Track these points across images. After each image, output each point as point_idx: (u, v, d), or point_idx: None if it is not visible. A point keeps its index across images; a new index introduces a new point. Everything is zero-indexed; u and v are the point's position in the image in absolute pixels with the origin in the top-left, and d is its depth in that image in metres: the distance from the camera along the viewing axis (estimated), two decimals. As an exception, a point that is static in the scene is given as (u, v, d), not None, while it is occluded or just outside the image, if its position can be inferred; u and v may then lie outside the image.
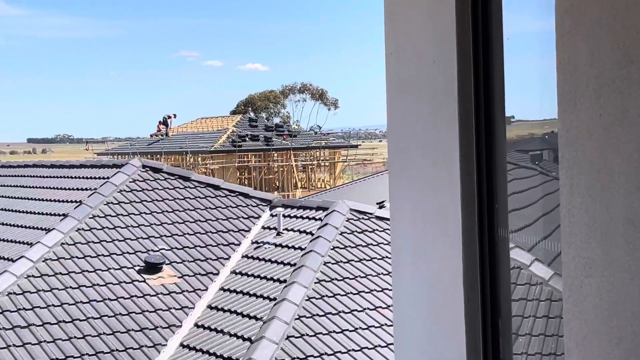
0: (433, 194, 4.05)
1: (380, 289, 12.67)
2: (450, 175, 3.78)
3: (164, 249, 13.70)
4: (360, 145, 64.47)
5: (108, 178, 15.30)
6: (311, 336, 11.45)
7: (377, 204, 23.64)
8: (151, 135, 55.29)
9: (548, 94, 3.17)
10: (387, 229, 14.34)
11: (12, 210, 15.58)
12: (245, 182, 47.88)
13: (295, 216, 14.89)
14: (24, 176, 17.97)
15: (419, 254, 4.31)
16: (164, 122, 53.97)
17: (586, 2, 2.43)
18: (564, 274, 2.66)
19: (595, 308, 2.49)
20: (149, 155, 47.08)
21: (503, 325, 3.60)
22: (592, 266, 2.49)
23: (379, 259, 13.44)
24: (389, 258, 13.75)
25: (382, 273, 13.06)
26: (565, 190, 2.62)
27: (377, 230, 14.26)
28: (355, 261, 13.25)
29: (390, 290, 12.62)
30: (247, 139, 50.07)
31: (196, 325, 12.31)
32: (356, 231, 14.06)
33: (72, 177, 16.43)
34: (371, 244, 13.79)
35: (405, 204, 4.55)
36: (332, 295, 12.33)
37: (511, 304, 3.59)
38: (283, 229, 14.34)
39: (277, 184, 51.36)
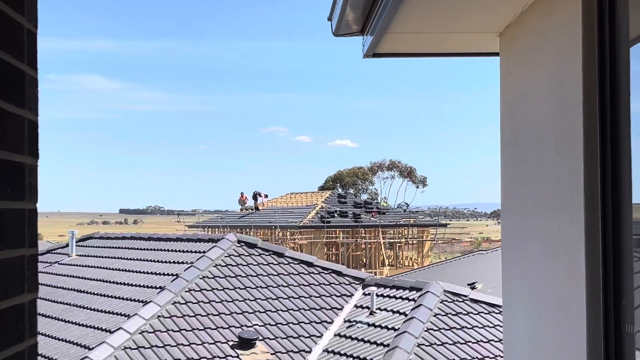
0: (554, 285, 3.99)
1: (475, 374, 12.43)
2: (574, 268, 3.72)
3: (257, 324, 13.74)
4: (448, 224, 63.97)
5: (204, 252, 15.51)
6: (405, 420, 11.26)
7: (469, 284, 23.38)
8: (241, 209, 55.96)
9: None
10: (482, 312, 14.13)
11: (110, 282, 15.88)
12: (333, 258, 47.89)
13: (388, 295, 14.80)
14: (122, 248, 18.35)
15: (536, 346, 4.24)
16: (254, 197, 54.66)
17: None
18: None
19: None
20: (238, 229, 47.60)
21: None
22: None
23: (473, 343, 13.21)
24: (485, 342, 13.56)
25: (476, 357, 12.82)
26: None
27: (472, 313, 14.05)
28: (450, 344, 13.05)
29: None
30: (335, 215, 50.23)
31: (288, 403, 12.25)
32: (450, 313, 13.88)
33: (169, 250, 16.71)
34: (466, 327, 13.58)
35: (521, 294, 4.50)
36: (426, 378, 12.15)
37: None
38: (376, 308, 14.25)
39: (365, 261, 51.19)
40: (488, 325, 13.69)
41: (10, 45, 1.69)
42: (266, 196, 55.49)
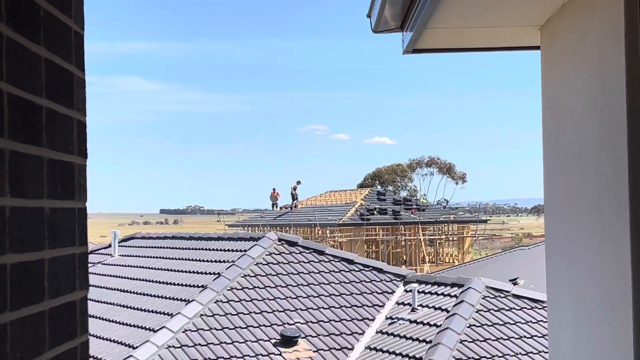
0: (599, 280, 3.95)
1: (519, 370, 12.35)
2: (620, 262, 3.68)
3: (299, 322, 13.78)
4: (489, 220, 63.60)
5: (245, 251, 15.58)
6: (448, 416, 11.23)
7: (510, 280, 23.24)
8: (280, 208, 56.11)
9: None
10: (525, 308, 14.04)
11: (153, 281, 16.01)
12: (373, 256, 47.83)
13: (429, 292, 14.76)
14: (163, 247, 18.49)
15: (581, 343, 4.20)
16: (293, 196, 54.78)
17: None
18: None
19: None
20: (278, 228, 47.73)
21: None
22: None
23: (516, 339, 13.13)
24: (528, 338, 13.47)
25: (520, 353, 12.74)
26: None
27: (515, 308, 13.96)
28: (493, 340, 12.98)
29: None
30: (375, 212, 50.17)
31: (331, 400, 12.26)
32: (493, 309, 13.81)
33: (210, 249, 16.81)
34: (508, 323, 13.50)
35: (566, 289, 4.47)
36: (469, 374, 12.09)
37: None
38: (418, 305, 14.22)
39: (405, 258, 51.07)
40: (531, 321, 13.60)
41: (59, 47, 1.72)
42: (299, 183, 55.40)
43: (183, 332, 13.05)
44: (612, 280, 3.80)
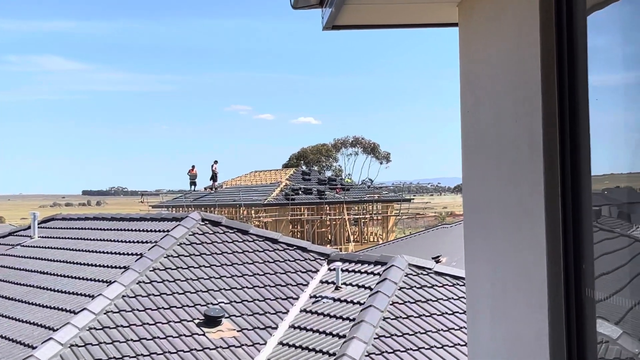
0: (515, 253, 4.01)
1: (440, 346, 12.53)
2: (535, 234, 3.74)
3: (223, 302, 13.74)
4: (412, 199, 64.28)
5: (168, 231, 15.44)
6: (371, 393, 11.33)
7: (433, 258, 23.54)
8: (205, 189, 55.80)
9: (638, 151, 3.16)
10: (447, 285, 14.24)
11: (73, 263, 15.77)
12: (298, 235, 47.94)
13: (353, 270, 14.85)
14: (85, 229, 18.22)
15: (498, 314, 4.26)
16: (213, 177, 54.52)
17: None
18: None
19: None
20: (202, 208, 47.46)
21: (591, 388, 3.52)
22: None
23: (438, 315, 13.32)
24: (450, 314, 13.66)
25: (442, 329, 12.93)
26: (665, 253, 2.59)
27: (437, 285, 14.15)
28: (415, 317, 13.14)
29: (452, 347, 12.49)
30: (300, 192, 50.28)
31: (255, 379, 12.27)
32: (415, 286, 13.97)
33: (132, 230, 16.62)
34: (430, 300, 13.68)
35: (484, 263, 4.52)
36: (391, 351, 12.23)
37: (599, 366, 3.52)
38: (341, 284, 14.31)
39: (330, 237, 51.32)
40: (453, 298, 13.80)
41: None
42: (216, 162, 55.12)
43: (104, 313, 12.89)
44: (527, 254, 3.86)
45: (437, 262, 19.49)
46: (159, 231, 15.78)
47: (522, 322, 3.95)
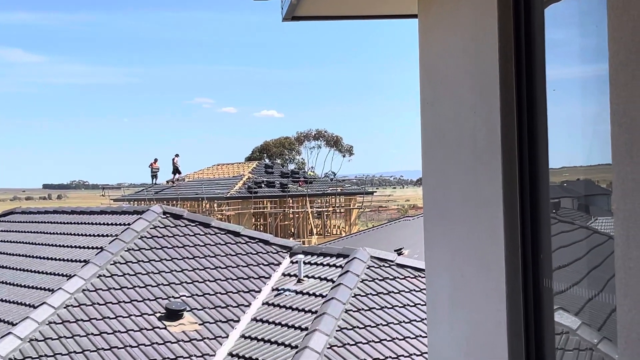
0: (474, 244, 4.03)
1: (402, 338, 12.58)
2: (493, 225, 3.76)
3: (184, 295, 13.67)
4: (375, 192, 64.46)
5: (129, 224, 15.34)
6: (333, 385, 11.36)
7: (395, 250, 23.62)
8: (167, 182, 55.52)
9: (596, 144, 3.18)
10: (408, 277, 14.29)
11: (33, 257, 15.60)
12: (261, 228, 47.85)
13: (315, 263, 14.85)
14: (45, 222, 18.03)
15: (458, 304, 4.29)
16: (175, 170, 54.28)
17: (644, 55, 2.44)
18: (619, 325, 2.64)
19: (654, 361, 2.47)
20: (164, 201, 47.21)
21: (549, 377, 3.56)
22: (652, 319, 2.47)
23: (400, 307, 13.36)
24: (412, 306, 13.71)
25: (403, 321, 12.97)
26: (620, 242, 2.61)
27: (398, 277, 14.19)
28: (377, 309, 13.18)
29: (413, 339, 12.53)
30: (262, 186, 50.21)
31: (217, 373, 12.23)
32: (377, 279, 14.00)
33: (93, 224, 16.48)
34: (392, 292, 13.72)
35: (443, 254, 4.54)
36: (353, 343, 12.25)
37: (556, 355, 3.55)
38: (304, 276, 14.30)
39: (293, 230, 51.31)
40: (414, 290, 13.85)
41: None
42: (177, 155, 54.94)
43: (64, 307, 12.78)
44: (485, 244, 3.88)
45: (400, 254, 19.54)
46: (120, 224, 15.66)
47: (480, 312, 3.97)
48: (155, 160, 54.76)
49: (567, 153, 3.59)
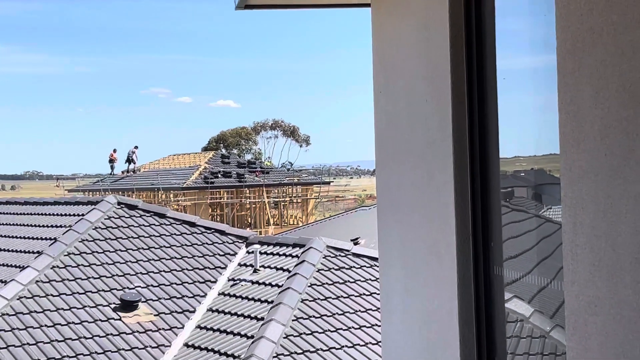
0: (426, 232, 4.05)
1: (358, 327, 12.61)
2: (445, 213, 3.78)
3: (139, 286, 13.57)
4: (332, 181, 64.54)
5: (83, 215, 15.17)
6: (289, 374, 11.36)
7: (352, 240, 23.66)
8: (122, 172, 55.07)
9: (545, 133, 3.21)
10: (364, 266, 14.33)
11: (-15, 248, 15.38)
12: (218, 219, 47.66)
13: (271, 253, 14.82)
14: (-3, 213, 17.78)
15: (410, 293, 4.30)
16: (129, 160, 53.89)
17: (591, 43, 2.46)
18: (567, 311, 2.67)
19: (601, 346, 2.50)
20: (120, 192, 46.79)
21: (499, 363, 3.59)
22: (598, 304, 2.50)
23: (356, 296, 13.39)
24: (367, 295, 13.75)
25: (359, 310, 13.01)
26: (568, 229, 2.63)
27: (354, 267, 14.22)
28: (333, 298, 13.19)
29: (369, 327, 12.59)
30: (219, 176, 49.99)
31: (173, 363, 12.17)
32: (333, 268, 14.02)
33: (46, 214, 16.28)
34: (348, 281, 13.74)
35: (396, 243, 4.55)
36: (309, 332, 12.26)
37: (506, 341, 3.58)
38: (260, 266, 14.27)
39: (250, 221, 51.18)
40: (370, 279, 13.89)
41: None
42: (136, 147, 54.60)
43: (17, 299, 12.61)
44: (437, 231, 3.89)
45: (356, 244, 19.60)
46: (74, 215, 15.49)
47: (433, 299, 3.99)
48: (115, 150, 54.31)
49: (518, 141, 3.62)
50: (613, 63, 2.36)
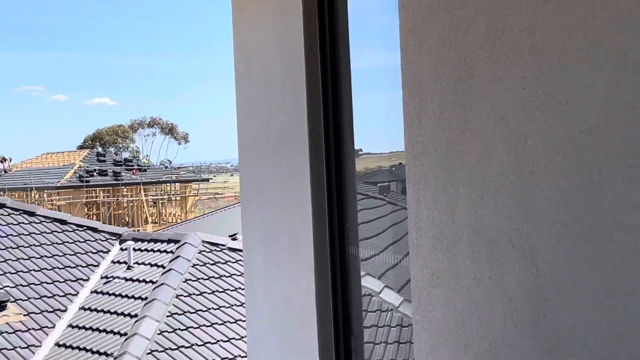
0: (286, 217, 4.06)
1: (234, 321, 12.58)
2: (302, 197, 3.80)
3: (8, 286, 13.17)
4: (211, 179, 64.18)
5: (-54, 214, 14.63)
6: (164, 370, 11.24)
7: (230, 236, 23.57)
8: (-8, 172, 53.33)
9: (397, 114, 3.26)
10: (240, 260, 14.30)
11: None
12: (94, 218, 46.69)
13: (146, 249, 14.63)
14: None
15: (272, 277, 4.31)
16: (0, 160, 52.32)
17: (430, 19, 2.51)
18: (413, 285, 2.72)
19: (443, 317, 2.55)
20: (-10, 193, 45.30)
21: (355, 342, 3.63)
22: (439, 276, 2.56)
23: (232, 290, 13.36)
24: (243, 289, 13.72)
25: (235, 304, 12.98)
26: (412, 204, 2.68)
27: (230, 261, 14.19)
28: (208, 293, 13.12)
29: (245, 321, 12.56)
30: (95, 174, 48.99)
31: (43, 364, 11.87)
32: (209, 263, 13.94)
33: None
34: (224, 276, 13.70)
35: (258, 229, 4.54)
36: (184, 328, 12.16)
37: (363, 321, 3.63)
38: (134, 263, 14.06)
39: (127, 220, 50.36)
40: (246, 273, 13.87)
41: None
42: (10, 160, 53.11)
43: None
44: (296, 218, 3.91)
45: (234, 239, 19.53)
46: (-63, 215, 14.93)
47: (292, 283, 4.01)
48: None
49: (373, 124, 3.67)
50: (450, 38, 2.42)
